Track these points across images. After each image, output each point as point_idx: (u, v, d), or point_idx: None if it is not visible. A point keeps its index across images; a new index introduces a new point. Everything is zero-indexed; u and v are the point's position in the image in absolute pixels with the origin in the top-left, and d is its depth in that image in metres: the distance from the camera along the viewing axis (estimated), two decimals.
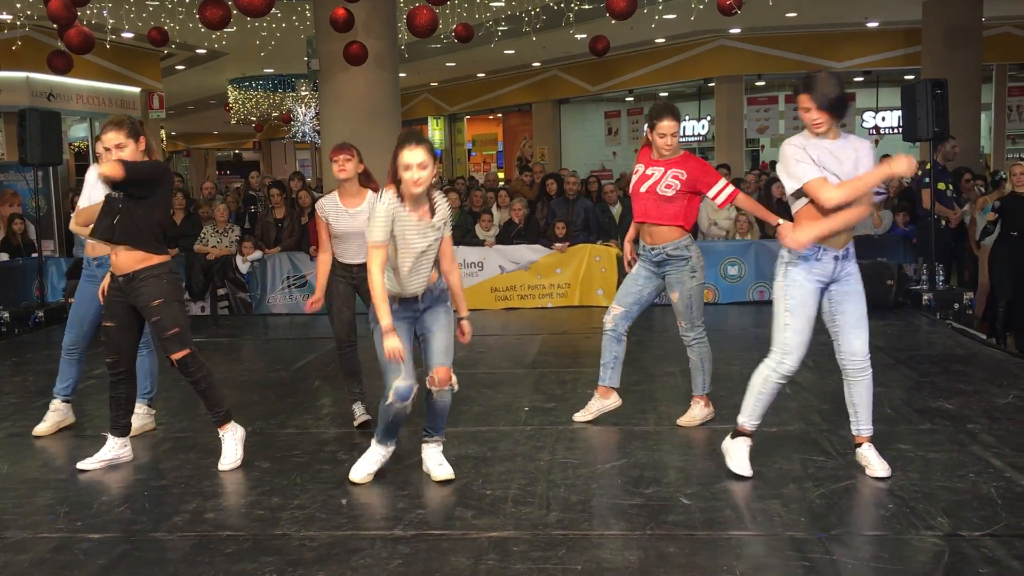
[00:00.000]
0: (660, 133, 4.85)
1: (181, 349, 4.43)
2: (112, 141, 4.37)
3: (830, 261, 4.05)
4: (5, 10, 12.84)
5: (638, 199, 4.96)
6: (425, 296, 4.17)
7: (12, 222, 10.34)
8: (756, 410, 4.21)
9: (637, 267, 5.07)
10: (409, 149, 3.94)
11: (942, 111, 8.51)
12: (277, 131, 28.99)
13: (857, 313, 4.11)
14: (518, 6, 13.59)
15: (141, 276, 4.39)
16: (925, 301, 8.55)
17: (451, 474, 4.24)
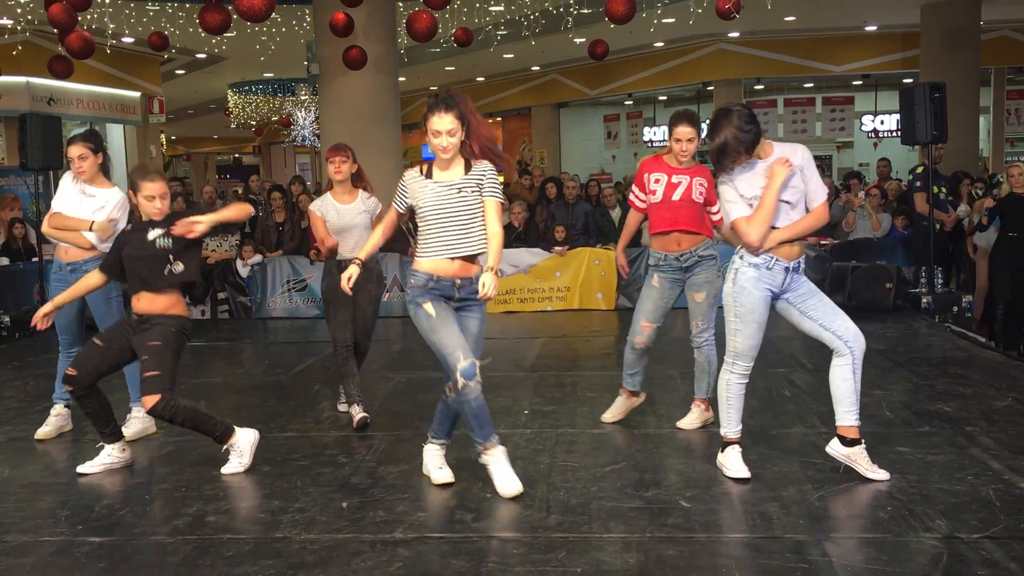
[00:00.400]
0: (676, 139, 4.90)
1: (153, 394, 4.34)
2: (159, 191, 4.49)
3: (780, 272, 4.12)
4: (6, 15, 12.88)
5: (671, 207, 4.92)
6: (463, 287, 4.06)
7: (12, 226, 10.36)
8: (731, 417, 4.28)
9: (659, 280, 4.99)
10: (437, 116, 3.96)
11: (940, 114, 8.53)
12: (277, 135, 29.05)
13: (828, 305, 4.18)
14: (517, 10, 13.62)
15: (156, 320, 4.44)
16: (924, 304, 8.56)
17: (451, 477, 4.26)
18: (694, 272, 4.99)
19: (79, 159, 5.22)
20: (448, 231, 4.04)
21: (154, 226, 4.49)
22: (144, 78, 17.69)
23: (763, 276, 4.11)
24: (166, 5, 12.73)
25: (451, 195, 4.05)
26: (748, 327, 4.16)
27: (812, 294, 4.18)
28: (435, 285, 4.06)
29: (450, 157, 4.06)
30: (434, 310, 4.01)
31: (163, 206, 4.50)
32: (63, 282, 5.19)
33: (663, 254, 4.97)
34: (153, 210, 4.47)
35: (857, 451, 4.17)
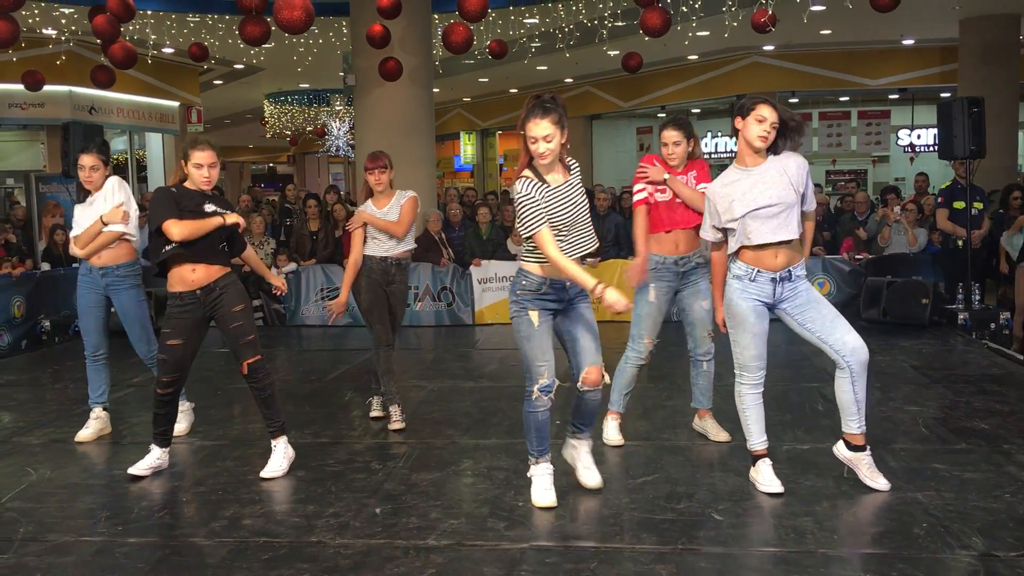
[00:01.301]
0: (663, 143, 4.91)
1: (257, 354, 4.62)
2: (208, 159, 4.58)
3: (767, 283, 4.12)
4: (50, 25, 13.14)
5: (669, 207, 4.87)
6: (573, 286, 4.05)
7: (54, 233, 10.55)
8: (751, 429, 4.27)
9: (655, 293, 4.92)
10: (535, 123, 3.90)
11: (979, 129, 8.46)
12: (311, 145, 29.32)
13: (827, 315, 4.13)
14: (552, 23, 13.68)
15: (221, 282, 4.58)
16: (961, 320, 8.47)
17: (599, 482, 4.25)
18: (691, 280, 4.92)
19: (91, 169, 5.37)
20: (574, 233, 4.01)
21: (208, 200, 4.61)
22: (183, 88, 17.96)
23: (747, 287, 4.13)
24: (206, 17, 12.93)
25: (572, 195, 4.01)
26: (743, 338, 4.18)
27: (810, 305, 4.14)
28: (548, 289, 4.03)
29: (550, 162, 3.97)
30: (538, 320, 4.02)
31: (211, 175, 4.60)
32: (92, 286, 5.34)
33: (662, 257, 4.90)
34: (201, 178, 4.58)
35: (859, 456, 4.20)
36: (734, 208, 4.10)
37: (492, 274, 10.02)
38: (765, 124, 4.05)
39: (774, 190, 4.05)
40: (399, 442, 5.23)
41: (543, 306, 4.04)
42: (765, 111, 4.05)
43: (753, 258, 4.12)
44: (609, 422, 5.09)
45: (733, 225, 4.13)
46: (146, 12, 11.93)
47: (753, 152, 4.12)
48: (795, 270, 4.13)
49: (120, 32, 9.62)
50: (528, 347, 4.03)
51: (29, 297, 9.16)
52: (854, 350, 4.09)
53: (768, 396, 5.97)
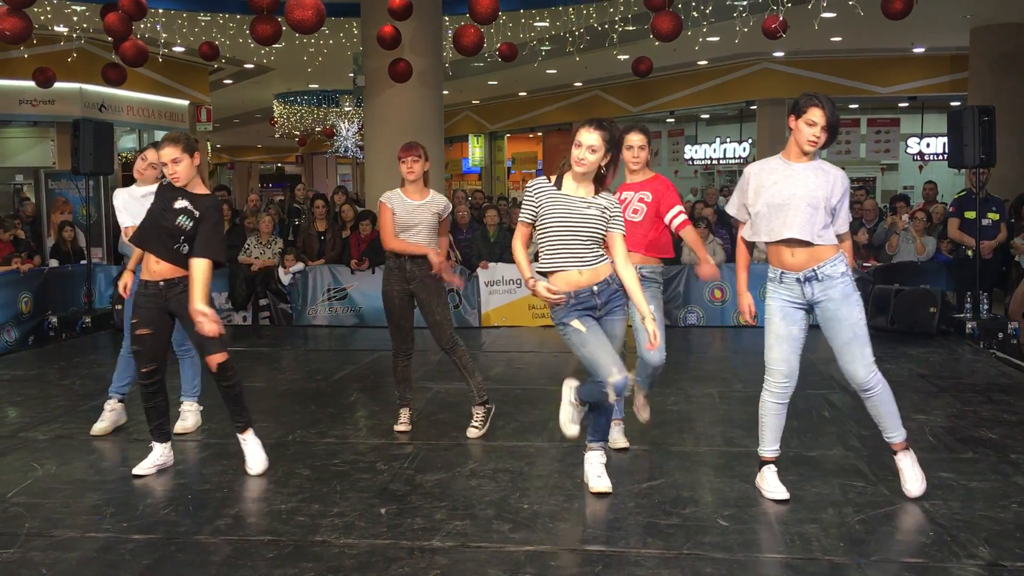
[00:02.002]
0: (628, 146, 4.80)
1: (222, 351, 4.56)
2: (169, 156, 4.49)
3: (794, 283, 4.10)
4: (62, 23, 13.19)
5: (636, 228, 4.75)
6: (601, 291, 4.08)
7: (63, 229, 10.59)
8: (764, 435, 4.25)
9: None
10: (586, 131, 4.03)
11: (989, 138, 8.44)
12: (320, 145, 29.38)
13: (839, 339, 4.11)
14: (562, 26, 13.69)
15: (182, 283, 4.50)
16: (969, 329, 8.45)
17: (608, 487, 4.24)
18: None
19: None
20: (573, 243, 4.05)
21: (183, 197, 4.52)
22: (193, 87, 18.01)
23: (777, 288, 4.15)
24: (217, 16, 12.97)
25: (581, 209, 4.05)
26: (768, 339, 4.19)
27: (833, 321, 4.09)
28: (576, 300, 4.06)
29: (584, 172, 4.05)
30: (583, 326, 4.04)
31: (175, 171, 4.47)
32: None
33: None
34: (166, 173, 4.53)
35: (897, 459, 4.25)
36: (762, 194, 4.08)
37: (499, 277, 10.02)
38: (816, 128, 4.00)
39: (804, 189, 4.02)
40: (405, 443, 5.23)
41: (580, 314, 4.07)
42: (816, 115, 4.00)
43: (775, 258, 4.14)
44: (612, 427, 5.07)
45: (752, 211, 4.13)
46: (157, 10, 11.96)
47: (801, 153, 4.09)
48: (821, 269, 4.06)
49: (132, 30, 9.65)
50: (586, 352, 4.04)
51: (36, 293, 9.18)
52: (859, 384, 4.11)
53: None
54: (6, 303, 8.71)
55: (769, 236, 4.08)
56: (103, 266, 10.70)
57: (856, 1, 9.88)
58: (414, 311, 5.40)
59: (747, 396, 6.30)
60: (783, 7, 9.60)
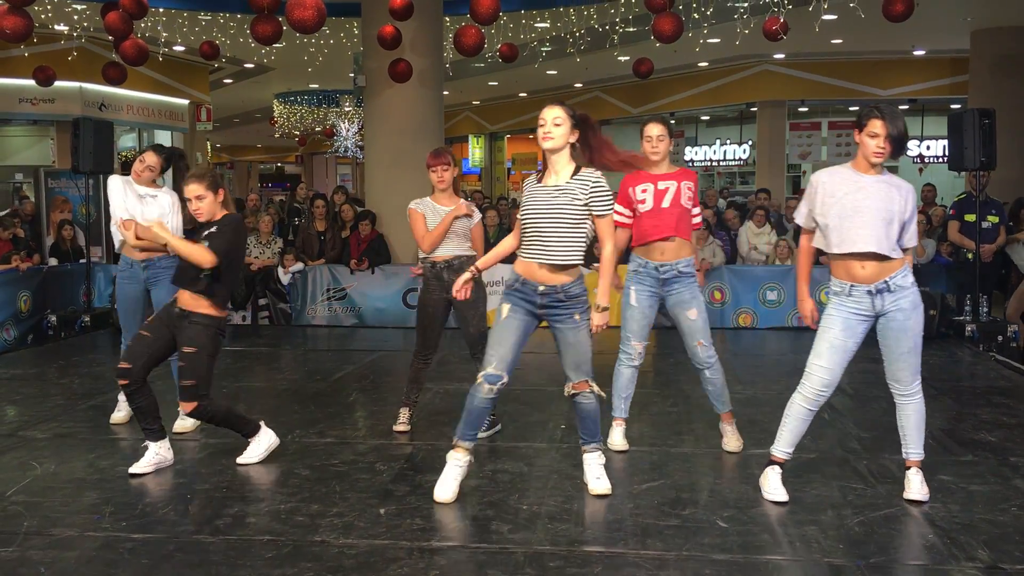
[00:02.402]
0: (647, 137, 4.85)
1: (191, 401, 4.61)
2: (193, 192, 4.59)
3: (864, 296, 4.04)
4: (62, 21, 13.19)
5: (660, 215, 4.80)
6: (546, 293, 4.08)
7: (62, 228, 10.57)
8: (782, 435, 4.21)
9: (636, 296, 4.86)
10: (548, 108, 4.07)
11: (990, 141, 8.44)
12: (319, 145, 29.38)
13: (900, 348, 4.08)
14: (563, 27, 13.68)
15: (194, 318, 4.57)
16: (968, 332, 8.45)
17: (607, 489, 4.24)
18: (673, 288, 4.83)
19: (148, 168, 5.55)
20: (539, 235, 4.06)
21: (204, 229, 4.65)
22: (193, 86, 18.00)
23: (844, 301, 4.07)
24: (218, 15, 12.96)
25: (548, 199, 4.06)
26: (819, 345, 4.10)
27: (891, 334, 4.06)
28: (520, 287, 4.12)
29: (552, 147, 4.06)
30: (506, 314, 4.13)
31: (198, 207, 4.60)
32: (133, 279, 5.46)
33: (644, 261, 4.85)
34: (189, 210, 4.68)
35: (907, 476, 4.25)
36: (832, 205, 4.03)
37: (498, 277, 10.01)
38: (879, 139, 3.98)
39: (877, 202, 3.98)
40: (404, 443, 5.22)
41: (513, 301, 4.14)
42: (876, 126, 3.97)
43: (843, 271, 4.07)
44: (614, 428, 5.08)
45: (822, 221, 4.08)
46: (158, 9, 11.96)
47: (869, 165, 4.06)
48: (893, 280, 4.01)
49: (132, 29, 9.65)
50: (491, 336, 4.17)
51: (36, 292, 9.18)
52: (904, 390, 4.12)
53: (775, 404, 5.98)
54: (5, 302, 8.70)
55: (840, 248, 4.03)
56: (102, 265, 10.69)
57: (857, 3, 9.88)
58: (446, 322, 5.39)
59: (746, 398, 6.31)
60: (784, 9, 9.60)
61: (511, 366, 4.14)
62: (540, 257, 4.07)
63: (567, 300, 4.10)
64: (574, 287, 4.11)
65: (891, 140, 3.98)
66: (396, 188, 10.48)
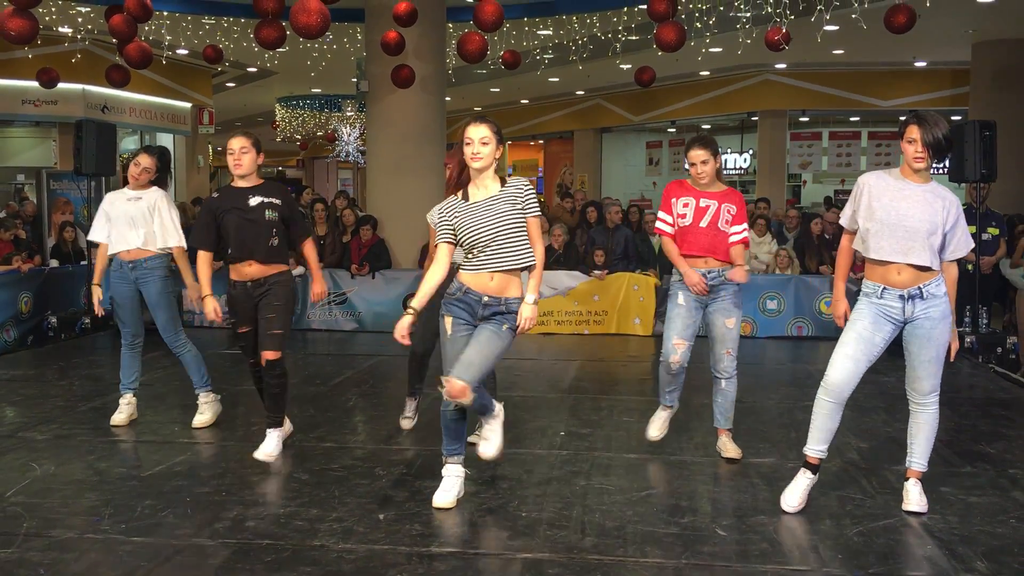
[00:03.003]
0: (691, 163, 4.92)
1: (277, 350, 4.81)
2: (238, 144, 4.78)
3: (895, 300, 4.04)
4: (66, 23, 13.21)
5: (697, 233, 4.85)
6: (489, 304, 4.10)
7: (64, 230, 10.58)
8: (811, 434, 4.19)
9: (684, 297, 4.92)
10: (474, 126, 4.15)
11: (990, 153, 8.46)
12: (321, 150, 29.40)
13: (923, 356, 4.10)
14: (565, 35, 13.71)
15: (272, 279, 4.81)
16: (968, 344, 8.45)
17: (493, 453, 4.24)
18: (719, 295, 4.88)
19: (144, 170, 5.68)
20: (490, 247, 4.09)
21: (250, 194, 4.76)
22: (196, 89, 18.02)
23: (873, 303, 4.08)
24: (222, 19, 12.99)
25: (485, 211, 4.11)
26: (846, 335, 4.10)
27: (917, 341, 4.08)
28: (463, 297, 4.14)
29: (481, 167, 4.13)
30: (451, 329, 4.15)
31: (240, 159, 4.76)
32: (123, 279, 5.60)
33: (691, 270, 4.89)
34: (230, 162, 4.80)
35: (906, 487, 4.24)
36: (876, 209, 4.03)
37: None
38: (916, 145, 3.98)
39: (921, 212, 3.97)
40: (403, 448, 5.23)
41: (454, 313, 4.15)
42: (913, 132, 3.98)
43: (878, 275, 4.07)
44: (657, 414, 5.18)
45: (863, 225, 4.07)
46: (162, 13, 11.98)
47: (913, 172, 4.06)
48: (927, 287, 4.02)
49: (137, 32, 9.67)
50: (444, 350, 4.19)
51: (36, 293, 9.18)
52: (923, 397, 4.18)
53: (773, 413, 6.01)
54: (6, 303, 8.71)
55: (879, 254, 4.02)
56: None
57: (859, 15, 9.91)
58: None
59: (747, 407, 6.31)
60: (786, 19, 9.63)
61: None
62: (499, 265, 4.08)
63: (506, 312, 4.13)
64: (515, 303, 4.14)
65: (928, 146, 3.97)
66: (398, 193, 10.51)
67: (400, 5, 9.76)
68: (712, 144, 4.93)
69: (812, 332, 9.41)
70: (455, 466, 4.26)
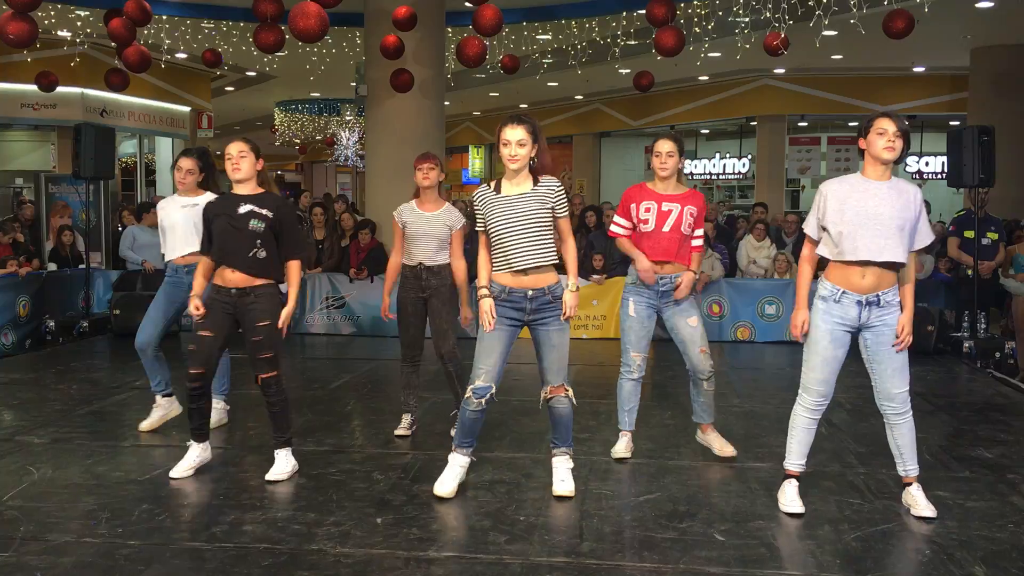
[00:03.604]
0: (656, 152, 4.91)
1: (273, 370, 4.65)
2: (236, 149, 4.65)
3: (852, 306, 4.04)
4: (65, 27, 13.22)
5: (660, 237, 4.82)
6: (535, 297, 4.22)
7: (62, 233, 10.58)
8: (791, 448, 4.27)
9: (635, 307, 4.89)
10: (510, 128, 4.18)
11: (989, 158, 8.47)
12: (320, 154, 29.42)
13: (894, 364, 4.08)
14: (564, 40, 13.74)
15: (258, 291, 4.58)
16: (966, 349, 8.46)
17: (570, 491, 4.36)
18: (671, 299, 4.87)
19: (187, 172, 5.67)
20: (520, 243, 4.18)
21: (244, 201, 4.62)
22: (195, 93, 18.04)
23: (831, 308, 4.07)
24: (221, 23, 13.00)
25: (520, 206, 4.19)
26: (812, 359, 4.13)
27: (884, 349, 4.06)
28: (508, 297, 4.21)
29: (518, 168, 4.20)
30: (491, 326, 4.24)
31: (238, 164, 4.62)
32: (179, 286, 5.50)
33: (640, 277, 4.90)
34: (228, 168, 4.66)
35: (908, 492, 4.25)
36: (845, 211, 4.00)
37: None
38: (887, 136, 3.98)
39: (890, 209, 3.97)
40: (401, 452, 5.22)
41: (502, 313, 4.24)
42: (884, 123, 3.99)
43: (840, 277, 4.05)
44: (620, 439, 5.11)
45: (835, 229, 4.03)
46: (161, 17, 12.00)
47: (880, 166, 4.04)
48: (884, 295, 4.03)
49: (135, 36, 9.68)
50: (478, 348, 4.28)
51: (35, 297, 9.17)
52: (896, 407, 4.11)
53: (772, 418, 6.00)
54: (4, 306, 8.70)
55: (855, 255, 3.99)
56: (101, 271, 10.69)
57: (857, 20, 9.93)
58: (425, 321, 5.46)
59: (744, 411, 6.32)
60: (784, 24, 9.64)
61: (498, 377, 4.30)
62: (529, 261, 4.19)
63: (554, 301, 4.27)
64: (558, 288, 4.30)
65: (902, 133, 3.98)
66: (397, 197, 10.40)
67: (399, 9, 9.77)
68: (680, 141, 4.97)
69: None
70: (462, 456, 4.38)
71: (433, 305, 5.39)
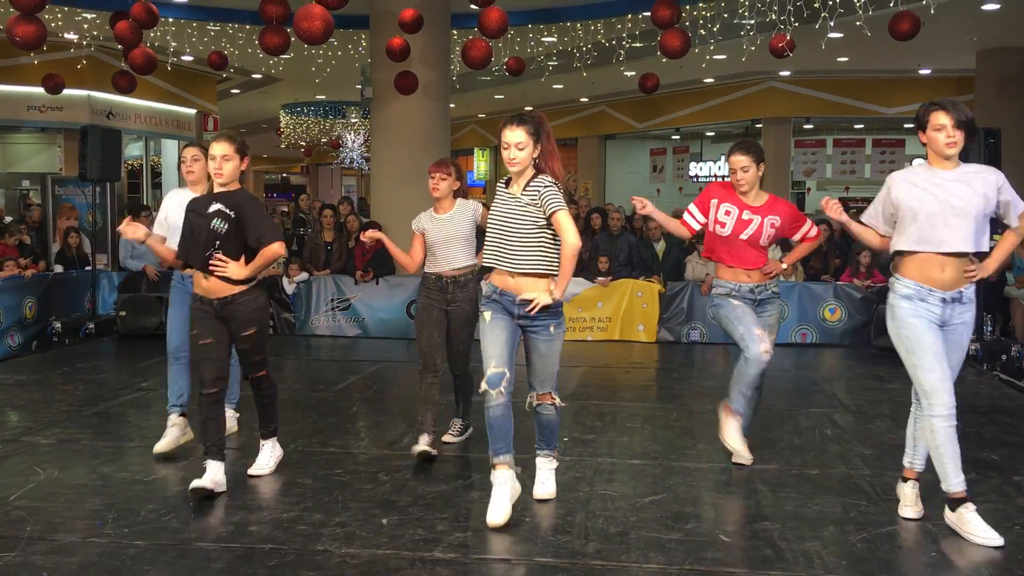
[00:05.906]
0: (731, 168, 4.77)
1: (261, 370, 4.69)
2: (220, 151, 4.36)
3: (936, 304, 3.92)
4: (72, 30, 13.27)
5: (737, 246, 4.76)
6: (523, 304, 4.07)
7: (68, 235, 10.61)
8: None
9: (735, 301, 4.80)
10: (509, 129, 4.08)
11: (995, 160, 8.45)
12: (325, 156, 29.46)
13: (952, 360, 4.01)
14: (570, 42, 13.74)
15: (240, 298, 4.44)
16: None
17: (551, 494, 4.35)
18: (766, 308, 4.87)
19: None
20: (504, 244, 4.11)
21: (215, 200, 4.41)
22: (200, 96, 18.08)
23: (917, 306, 3.92)
24: (227, 25, 13.03)
25: (507, 206, 4.13)
26: (922, 359, 3.91)
27: (957, 345, 3.99)
28: (499, 298, 4.16)
29: (519, 170, 4.10)
30: (490, 318, 4.16)
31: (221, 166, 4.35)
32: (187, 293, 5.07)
33: (736, 284, 4.82)
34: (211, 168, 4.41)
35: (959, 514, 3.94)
36: (915, 197, 3.88)
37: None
38: (946, 130, 3.86)
39: (958, 200, 3.85)
40: (407, 453, 5.21)
41: (495, 309, 4.17)
42: (942, 118, 3.87)
43: (918, 272, 3.92)
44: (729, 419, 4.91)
45: (906, 214, 3.91)
46: (167, 19, 12.03)
47: (944, 159, 3.94)
48: (966, 291, 3.94)
49: (142, 38, 9.71)
50: (482, 342, 4.19)
51: (41, 299, 9.20)
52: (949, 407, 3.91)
53: (778, 420, 6.00)
54: (10, 308, 8.72)
55: (920, 245, 3.89)
56: (107, 272, 10.72)
57: (863, 22, 9.92)
58: (444, 329, 5.15)
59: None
60: (790, 27, 9.64)
61: (510, 363, 4.13)
62: (510, 267, 4.11)
63: (544, 310, 4.09)
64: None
65: (961, 126, 3.87)
66: (402, 200, 10.50)
67: (405, 12, 9.79)
68: (755, 150, 4.77)
69: (816, 339, 9.40)
70: (505, 471, 4.08)
71: (454, 325, 5.12)
